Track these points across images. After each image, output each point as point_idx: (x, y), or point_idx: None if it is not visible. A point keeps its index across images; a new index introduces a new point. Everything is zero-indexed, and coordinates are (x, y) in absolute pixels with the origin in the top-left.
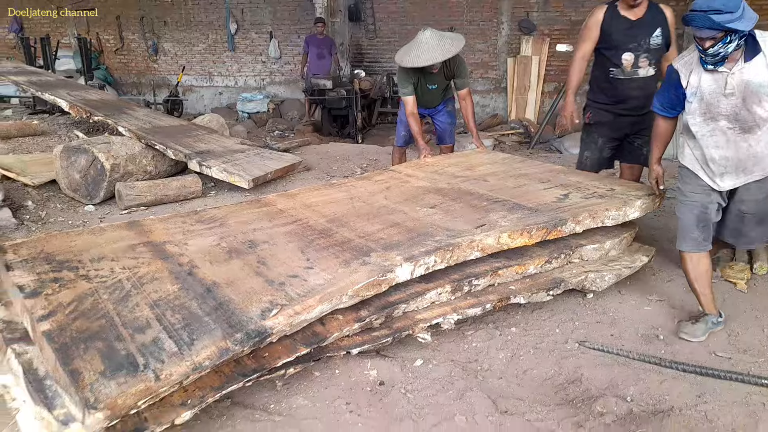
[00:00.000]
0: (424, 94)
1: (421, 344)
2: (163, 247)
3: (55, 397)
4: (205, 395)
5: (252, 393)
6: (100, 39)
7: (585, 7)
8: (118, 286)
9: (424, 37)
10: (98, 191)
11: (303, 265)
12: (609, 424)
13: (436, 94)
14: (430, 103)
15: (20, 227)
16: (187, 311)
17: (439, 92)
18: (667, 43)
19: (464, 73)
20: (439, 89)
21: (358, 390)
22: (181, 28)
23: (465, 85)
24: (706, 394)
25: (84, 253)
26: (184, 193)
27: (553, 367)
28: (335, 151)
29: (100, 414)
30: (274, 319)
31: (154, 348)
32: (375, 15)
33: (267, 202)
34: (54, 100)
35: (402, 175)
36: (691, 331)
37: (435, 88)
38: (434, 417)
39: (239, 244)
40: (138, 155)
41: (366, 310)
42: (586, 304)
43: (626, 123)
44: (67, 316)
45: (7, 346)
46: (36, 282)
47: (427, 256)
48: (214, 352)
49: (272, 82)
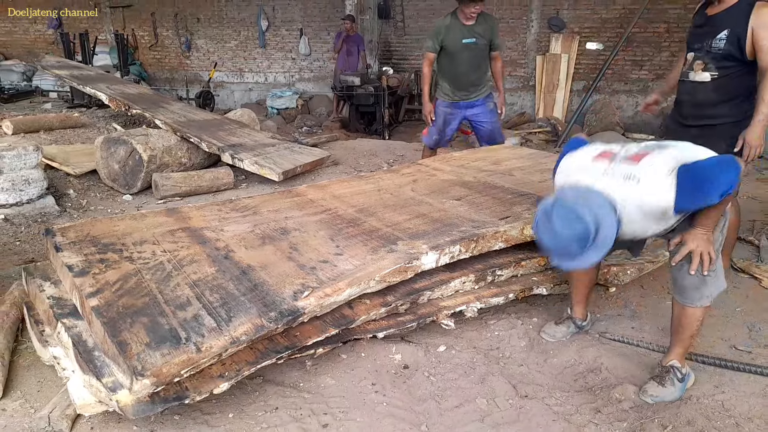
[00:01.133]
0: (459, 53)
1: (445, 331)
2: (201, 232)
3: (103, 366)
4: (240, 369)
5: (282, 372)
6: (135, 35)
7: (616, 5)
8: (160, 267)
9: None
10: (136, 181)
11: (333, 251)
12: (626, 410)
13: (472, 57)
14: (467, 73)
15: (63, 214)
16: (225, 291)
17: (475, 57)
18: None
19: (498, 33)
20: (476, 49)
21: (383, 372)
22: (214, 25)
23: (499, 46)
24: (724, 385)
25: (127, 236)
26: (217, 185)
27: (573, 356)
28: (362, 146)
29: (147, 380)
30: (306, 300)
31: (194, 323)
32: (404, 12)
33: (298, 193)
34: (95, 93)
35: (429, 169)
36: (551, 332)
37: (472, 42)
38: (456, 399)
39: (272, 231)
40: (174, 147)
41: (392, 295)
42: (608, 297)
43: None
44: (113, 294)
45: (58, 320)
46: (84, 262)
47: (452, 246)
48: (250, 328)
49: (301, 79)
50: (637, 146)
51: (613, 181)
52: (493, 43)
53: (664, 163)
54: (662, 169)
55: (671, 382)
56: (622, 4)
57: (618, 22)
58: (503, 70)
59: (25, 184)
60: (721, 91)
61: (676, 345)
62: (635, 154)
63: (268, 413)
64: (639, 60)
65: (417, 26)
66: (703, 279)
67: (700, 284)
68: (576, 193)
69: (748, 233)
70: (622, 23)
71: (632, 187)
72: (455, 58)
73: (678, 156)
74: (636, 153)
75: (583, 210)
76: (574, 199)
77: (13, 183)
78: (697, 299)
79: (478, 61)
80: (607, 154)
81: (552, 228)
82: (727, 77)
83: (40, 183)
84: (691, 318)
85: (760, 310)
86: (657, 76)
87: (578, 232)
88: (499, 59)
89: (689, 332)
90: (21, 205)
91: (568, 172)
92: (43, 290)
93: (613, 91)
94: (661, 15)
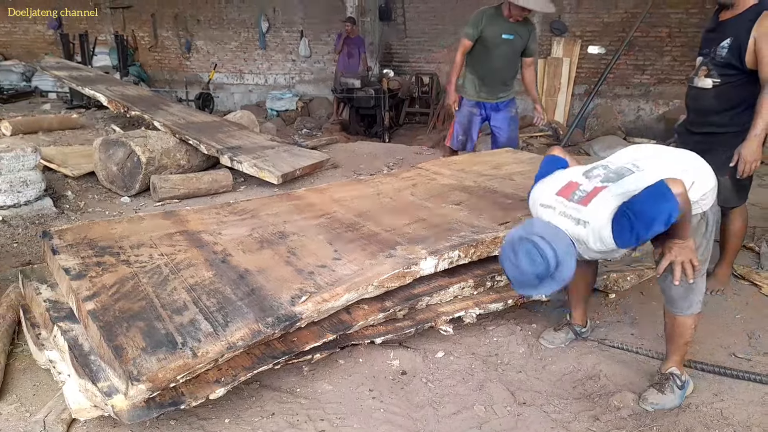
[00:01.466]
0: (495, 47)
1: (443, 337)
2: (199, 236)
3: (99, 371)
4: (237, 374)
5: (279, 377)
6: (135, 36)
7: (618, 9)
8: (157, 271)
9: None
10: (134, 183)
11: (331, 256)
12: (625, 418)
13: (507, 55)
14: (498, 71)
15: (60, 216)
16: (222, 296)
17: (510, 55)
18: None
19: (536, 38)
20: (513, 47)
21: (380, 378)
22: (214, 27)
23: (535, 52)
24: (723, 393)
25: (124, 239)
26: (216, 187)
27: (572, 363)
28: (362, 149)
29: (142, 386)
30: (303, 305)
31: (191, 328)
32: (405, 15)
33: (297, 196)
34: (94, 94)
35: (429, 173)
36: (549, 338)
37: (511, 39)
38: (454, 406)
39: (270, 235)
40: (172, 149)
41: (390, 301)
42: (607, 303)
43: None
44: (110, 297)
45: (54, 324)
46: (80, 265)
47: (451, 251)
48: (247, 333)
49: (301, 81)
50: (597, 177)
51: (568, 222)
52: (529, 47)
53: (606, 207)
54: (604, 214)
55: (671, 389)
56: (625, 8)
57: (620, 26)
58: (536, 78)
59: (23, 186)
60: (722, 98)
61: (673, 353)
62: (587, 195)
63: (264, 419)
64: (641, 64)
65: (418, 29)
66: (690, 287)
67: (687, 293)
68: (544, 230)
69: (748, 240)
70: (624, 27)
71: (584, 230)
72: (491, 52)
73: (625, 192)
74: (588, 193)
75: (548, 250)
76: (541, 235)
77: (11, 184)
78: (686, 308)
79: (511, 61)
80: (568, 189)
81: (516, 262)
82: (728, 85)
83: (38, 184)
84: (683, 326)
85: (760, 318)
86: (659, 80)
87: (539, 271)
88: (532, 66)
89: (683, 340)
90: (19, 207)
91: (534, 204)
92: (40, 293)
93: (615, 96)
94: (663, 19)
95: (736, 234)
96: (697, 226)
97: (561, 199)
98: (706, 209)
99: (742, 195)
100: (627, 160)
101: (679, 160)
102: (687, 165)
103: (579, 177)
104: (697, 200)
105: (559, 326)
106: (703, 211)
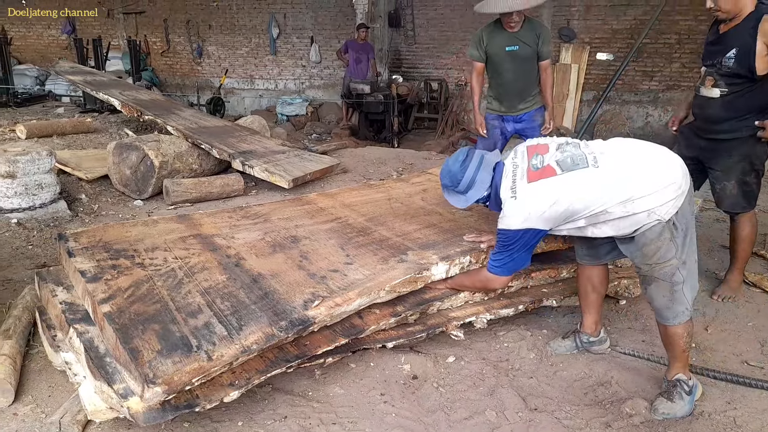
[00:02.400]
0: (503, 62)
1: (454, 341)
2: (212, 239)
3: (115, 373)
4: (251, 377)
5: (292, 380)
6: (148, 41)
7: (627, 16)
8: (172, 274)
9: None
10: (147, 187)
11: (343, 260)
12: (637, 425)
13: (518, 65)
14: (512, 83)
15: (74, 219)
16: (236, 299)
17: (521, 65)
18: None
19: (548, 39)
20: (520, 57)
21: (392, 382)
22: (225, 32)
23: (548, 55)
24: (736, 401)
25: (139, 243)
26: (227, 191)
27: (583, 369)
28: (372, 154)
29: (158, 389)
30: (316, 309)
31: (205, 331)
32: (414, 21)
33: (308, 201)
34: (108, 99)
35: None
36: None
37: (516, 49)
38: (465, 411)
39: (282, 239)
40: (185, 153)
41: (402, 305)
42: (618, 310)
43: (696, 143)
44: (125, 300)
45: (70, 325)
46: (96, 268)
47: (462, 256)
48: (261, 337)
49: (311, 86)
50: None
51: (508, 176)
52: (541, 51)
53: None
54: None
55: (679, 396)
56: (633, 15)
57: (629, 33)
58: (552, 82)
59: (38, 189)
60: (730, 107)
61: (674, 360)
62: (539, 170)
63: (277, 422)
64: (649, 71)
65: (427, 35)
66: (672, 298)
67: (671, 303)
68: (489, 156)
69: (759, 247)
70: (632, 34)
71: (508, 198)
72: (499, 68)
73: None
74: (540, 169)
75: (474, 162)
76: (482, 154)
77: (26, 187)
78: (672, 317)
79: (524, 71)
80: (536, 149)
81: (447, 158)
82: (735, 94)
83: (52, 187)
84: (675, 336)
85: None
86: (667, 87)
87: (454, 169)
88: (547, 69)
89: (680, 348)
90: (34, 210)
91: None
92: (56, 295)
93: (623, 102)
94: (672, 26)
95: (745, 240)
96: (660, 231)
97: (524, 154)
98: (668, 217)
99: (750, 200)
100: (596, 150)
101: (643, 166)
102: (647, 172)
103: (552, 144)
104: (653, 208)
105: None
106: (666, 219)
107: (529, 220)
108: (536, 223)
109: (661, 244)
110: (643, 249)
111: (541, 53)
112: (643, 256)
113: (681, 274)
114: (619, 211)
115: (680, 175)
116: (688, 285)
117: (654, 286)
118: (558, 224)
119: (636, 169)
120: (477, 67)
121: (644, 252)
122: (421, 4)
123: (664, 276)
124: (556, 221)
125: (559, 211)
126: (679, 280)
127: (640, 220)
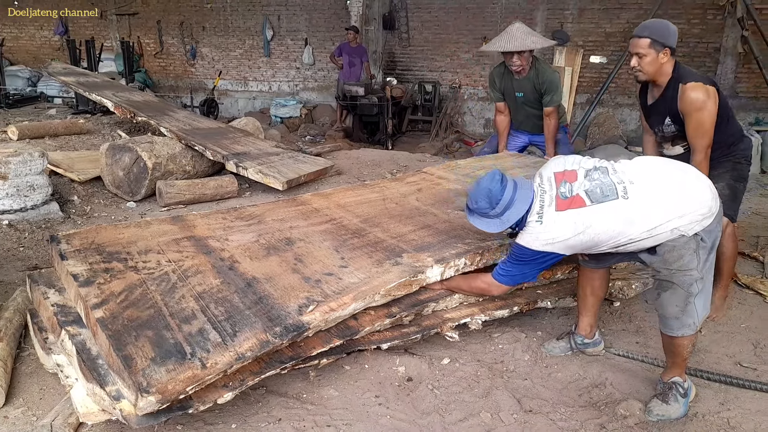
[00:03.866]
0: (514, 103)
1: (449, 343)
2: (206, 241)
3: (107, 374)
4: (245, 378)
5: (286, 382)
6: (141, 43)
7: (620, 19)
8: (165, 278)
9: (513, 28)
10: (140, 188)
11: (338, 263)
12: (632, 427)
13: (527, 108)
14: (525, 121)
15: (67, 220)
16: (230, 304)
17: (531, 108)
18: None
19: (552, 90)
20: (528, 102)
21: (386, 384)
22: (219, 34)
23: (551, 102)
24: (729, 402)
25: (132, 245)
26: (221, 193)
27: (578, 371)
28: (366, 156)
29: (152, 398)
30: (311, 314)
31: (199, 338)
32: (409, 24)
33: (302, 201)
34: (101, 100)
35: (434, 177)
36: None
37: (522, 96)
38: (460, 413)
39: (277, 241)
40: (178, 155)
41: (397, 306)
42: (612, 311)
43: None
44: (118, 305)
45: (62, 328)
46: (88, 271)
47: (457, 259)
48: (255, 344)
49: (305, 88)
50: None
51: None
52: (544, 99)
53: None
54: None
55: (674, 398)
56: (626, 18)
57: (622, 36)
58: (555, 130)
59: (29, 190)
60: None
61: (673, 365)
62: (567, 200)
63: (271, 424)
64: None
65: (422, 37)
66: (684, 309)
67: (681, 314)
68: (522, 180)
69: (752, 249)
70: (625, 37)
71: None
72: (511, 105)
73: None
74: (569, 198)
75: (510, 183)
76: (515, 179)
77: (17, 189)
78: (678, 329)
79: (535, 115)
80: (563, 176)
81: (479, 180)
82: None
83: (44, 189)
84: (679, 347)
85: (765, 327)
86: None
87: (493, 188)
88: (551, 115)
89: (681, 357)
90: (25, 211)
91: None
92: (48, 297)
93: (617, 105)
94: None
95: (730, 259)
96: (686, 241)
97: (552, 181)
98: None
99: (735, 208)
100: (626, 178)
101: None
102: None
103: (580, 171)
104: (678, 227)
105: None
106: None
107: (551, 245)
108: (557, 248)
109: (684, 252)
110: (665, 255)
111: (544, 101)
112: (664, 261)
113: (698, 287)
114: (644, 237)
115: (710, 198)
116: (701, 301)
117: (669, 293)
118: (578, 251)
119: (666, 199)
120: (498, 107)
121: (665, 258)
122: (416, 7)
123: (683, 284)
124: (577, 249)
125: (584, 240)
126: (695, 292)
127: (663, 237)
